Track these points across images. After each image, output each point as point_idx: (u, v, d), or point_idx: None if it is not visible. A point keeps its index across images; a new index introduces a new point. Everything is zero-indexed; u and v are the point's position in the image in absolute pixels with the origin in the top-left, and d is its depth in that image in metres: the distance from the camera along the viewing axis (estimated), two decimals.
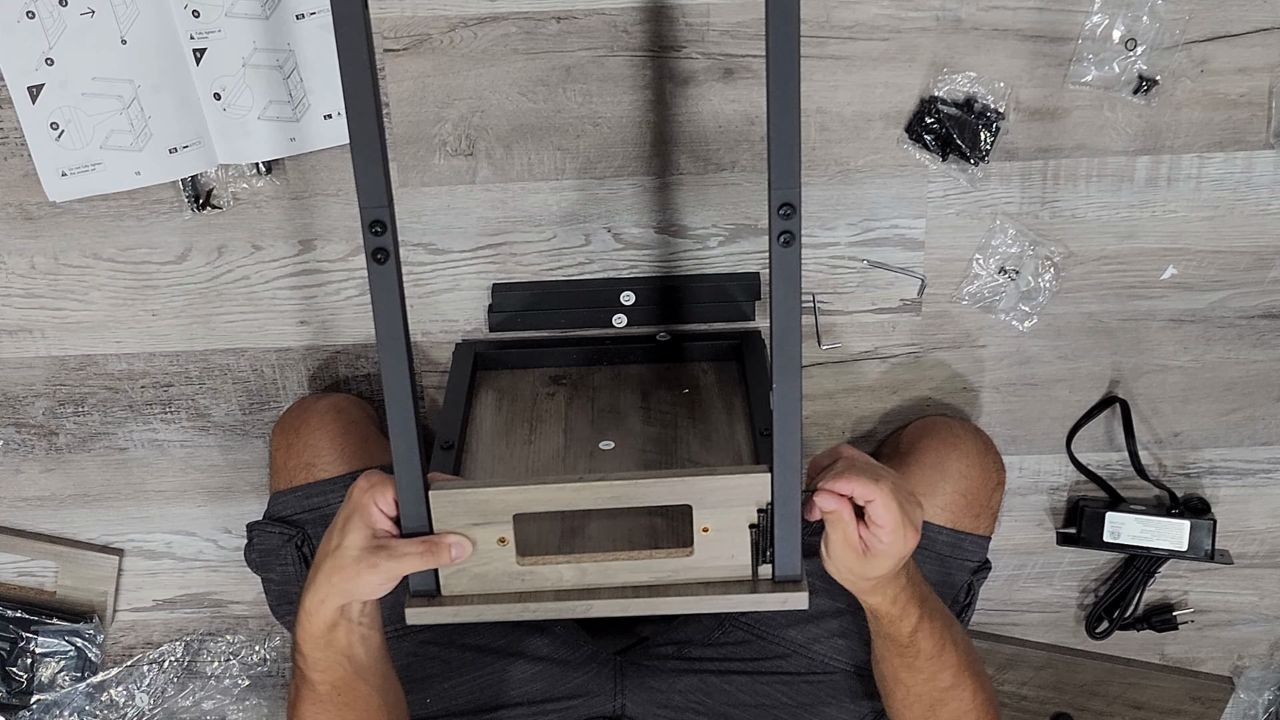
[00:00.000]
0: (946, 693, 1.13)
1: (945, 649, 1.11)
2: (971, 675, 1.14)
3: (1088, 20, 1.22)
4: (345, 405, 1.32)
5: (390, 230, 0.94)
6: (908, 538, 1.00)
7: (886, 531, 0.99)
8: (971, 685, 1.14)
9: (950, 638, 1.12)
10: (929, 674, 1.12)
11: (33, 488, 1.44)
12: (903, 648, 1.10)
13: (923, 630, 1.09)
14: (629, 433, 1.22)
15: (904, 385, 1.38)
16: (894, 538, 0.99)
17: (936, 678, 1.12)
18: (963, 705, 1.13)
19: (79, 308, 1.34)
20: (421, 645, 1.23)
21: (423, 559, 0.99)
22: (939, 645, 1.11)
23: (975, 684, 1.14)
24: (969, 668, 1.14)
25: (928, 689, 1.12)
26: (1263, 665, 1.53)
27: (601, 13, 1.22)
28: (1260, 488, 1.44)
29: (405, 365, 0.97)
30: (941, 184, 1.29)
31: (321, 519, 1.25)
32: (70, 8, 1.19)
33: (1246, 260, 1.33)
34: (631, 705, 1.23)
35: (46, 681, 1.46)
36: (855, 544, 1.01)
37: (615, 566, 1.04)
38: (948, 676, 1.12)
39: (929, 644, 1.10)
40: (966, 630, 1.32)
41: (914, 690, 1.13)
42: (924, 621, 1.09)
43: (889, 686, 1.15)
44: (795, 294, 0.95)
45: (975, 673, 1.15)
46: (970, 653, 1.16)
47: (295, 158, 1.27)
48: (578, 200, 1.29)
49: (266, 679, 1.52)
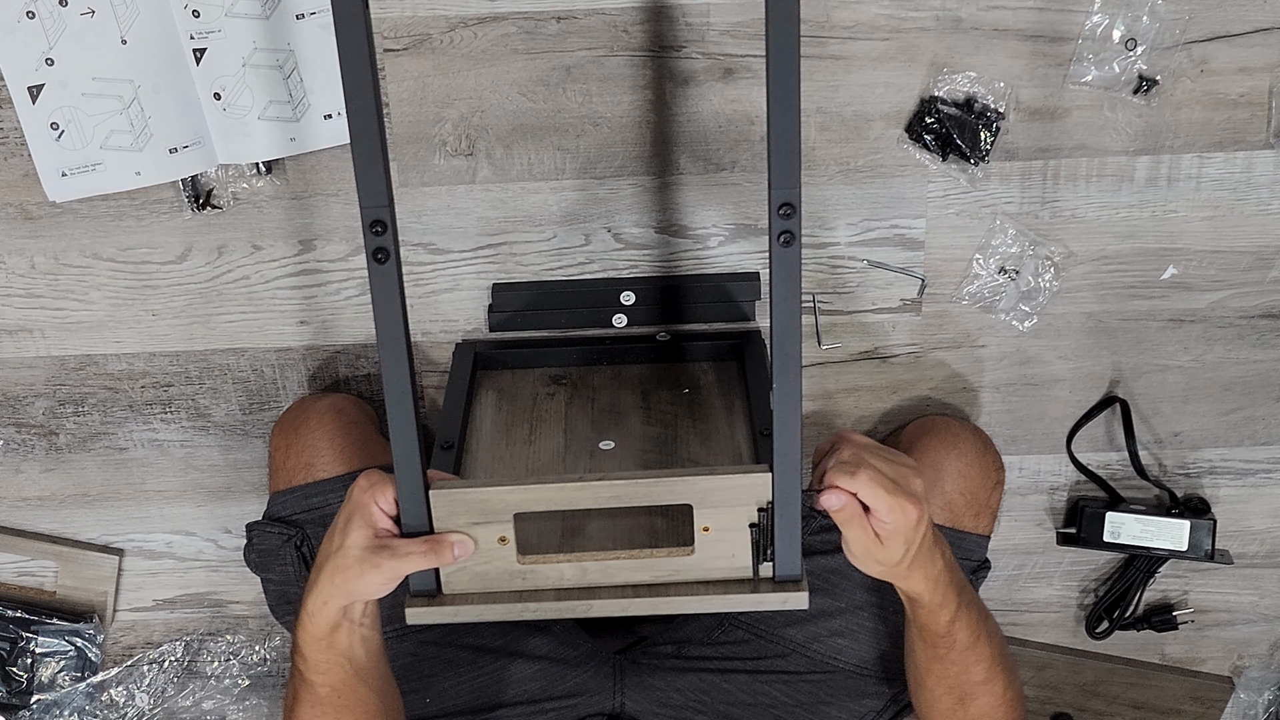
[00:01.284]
0: (978, 686, 1.12)
1: (980, 641, 1.10)
2: (1004, 670, 1.13)
3: (1088, 20, 1.22)
4: (345, 405, 1.32)
5: (391, 230, 0.94)
6: (906, 510, 0.99)
7: (884, 512, 0.99)
8: (1003, 680, 1.13)
9: (985, 630, 1.11)
10: (962, 666, 1.11)
11: (33, 488, 1.44)
12: (939, 637, 1.09)
13: (960, 620, 1.08)
14: (629, 433, 1.22)
15: (904, 385, 1.38)
16: (893, 516, 0.98)
17: (969, 670, 1.11)
18: (993, 700, 1.13)
19: (79, 308, 1.34)
20: (421, 645, 1.23)
21: (426, 558, 0.99)
22: (974, 637, 1.10)
23: (1006, 679, 1.13)
24: (1001, 662, 1.13)
25: (960, 681, 1.12)
26: (1263, 665, 1.53)
27: (601, 13, 1.22)
28: (1260, 488, 1.44)
29: (405, 365, 0.97)
30: (941, 184, 1.29)
31: (321, 519, 1.25)
32: (70, 8, 1.19)
33: (1246, 260, 1.33)
34: (631, 703, 1.23)
35: (46, 681, 1.46)
36: (870, 533, 1.00)
37: (616, 566, 1.04)
38: (981, 670, 1.11)
39: (965, 635, 1.09)
40: None
41: (945, 682, 1.12)
42: (962, 611, 1.08)
43: (920, 677, 1.14)
44: (795, 294, 0.95)
45: (1007, 668, 1.14)
46: (1004, 647, 1.15)
47: (295, 158, 1.27)
48: (578, 200, 1.29)
49: (266, 679, 1.52)
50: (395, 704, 1.11)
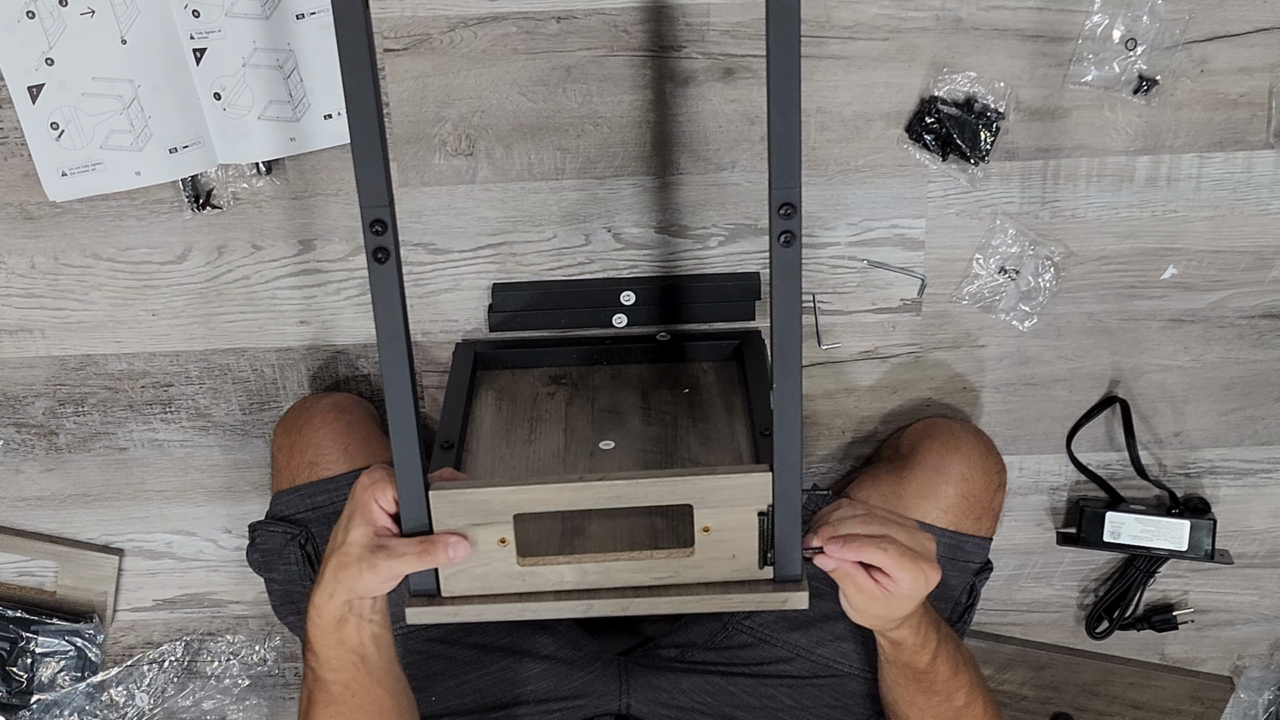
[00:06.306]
0: (961, 711, 1.14)
1: (959, 669, 1.13)
2: (982, 692, 1.15)
3: (1088, 20, 1.22)
4: (347, 404, 1.32)
5: (391, 230, 0.94)
6: (929, 577, 1.01)
7: (907, 582, 1.00)
8: (982, 700, 1.15)
9: (961, 657, 1.14)
10: (945, 695, 1.13)
11: (33, 488, 1.44)
12: (920, 673, 1.11)
13: (941, 655, 1.10)
14: (629, 433, 1.22)
15: (904, 385, 1.38)
16: (915, 585, 1.00)
17: (951, 698, 1.13)
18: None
19: (79, 308, 1.34)
20: (426, 644, 1.23)
21: (420, 559, 0.99)
22: (954, 667, 1.12)
23: (985, 698, 1.16)
24: (979, 685, 1.16)
25: (943, 711, 1.13)
26: (1263, 665, 1.53)
27: (601, 13, 1.22)
28: (1260, 488, 1.44)
29: (405, 365, 0.97)
30: (941, 184, 1.29)
31: (324, 518, 1.25)
32: (70, 8, 1.19)
33: (1246, 260, 1.33)
34: (637, 704, 1.23)
35: (46, 681, 1.46)
36: (873, 592, 1.01)
37: (616, 567, 1.04)
38: (961, 696, 1.13)
39: (946, 668, 1.11)
40: (968, 631, 1.32)
41: (929, 712, 1.14)
42: (942, 646, 1.10)
43: (902, 712, 1.16)
44: (795, 294, 0.95)
45: (984, 689, 1.16)
46: (978, 668, 1.17)
47: (295, 158, 1.27)
48: (578, 200, 1.29)
49: (266, 679, 1.52)
50: (410, 707, 1.11)
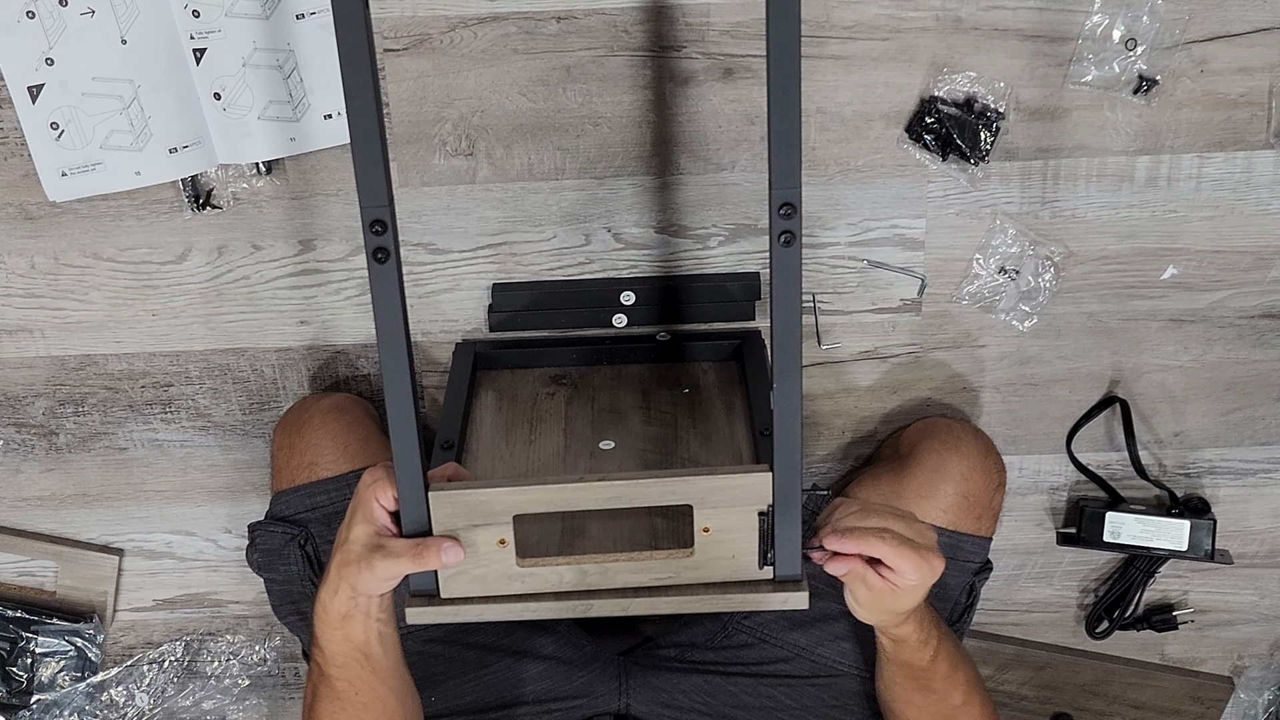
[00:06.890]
0: (958, 710, 1.14)
1: (957, 667, 1.13)
2: (979, 690, 1.16)
3: (1088, 20, 1.22)
4: (347, 404, 1.32)
5: (391, 230, 0.94)
6: (933, 565, 1.01)
7: (910, 572, 1.00)
8: (979, 699, 1.15)
9: (959, 655, 1.14)
10: (942, 694, 1.13)
11: (33, 488, 1.44)
12: (920, 671, 1.11)
13: (941, 653, 1.11)
14: (629, 433, 1.22)
15: (904, 385, 1.38)
16: (920, 574, 1.00)
17: (949, 696, 1.13)
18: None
19: (79, 308, 1.34)
20: (426, 644, 1.23)
21: (415, 561, 0.99)
22: (953, 665, 1.12)
23: (982, 697, 1.16)
24: (976, 683, 1.16)
25: (941, 709, 1.13)
26: (1263, 665, 1.53)
27: (601, 13, 1.22)
28: (1260, 488, 1.44)
29: (405, 365, 0.97)
30: (941, 184, 1.29)
31: (324, 518, 1.25)
32: (70, 8, 1.19)
33: (1246, 260, 1.33)
34: (637, 704, 1.23)
35: (46, 681, 1.46)
36: (880, 588, 1.01)
37: (615, 568, 1.03)
38: (959, 694, 1.13)
39: (945, 665, 1.11)
40: (967, 631, 1.32)
41: (927, 711, 1.14)
42: (942, 644, 1.11)
43: (899, 710, 1.16)
44: (795, 294, 0.95)
45: (981, 688, 1.16)
46: (975, 666, 1.17)
47: (295, 158, 1.27)
48: (578, 200, 1.29)
49: (266, 679, 1.52)
50: (414, 708, 1.11)
